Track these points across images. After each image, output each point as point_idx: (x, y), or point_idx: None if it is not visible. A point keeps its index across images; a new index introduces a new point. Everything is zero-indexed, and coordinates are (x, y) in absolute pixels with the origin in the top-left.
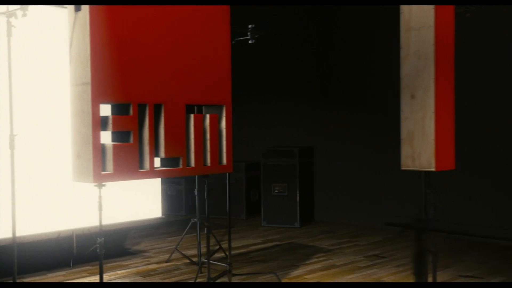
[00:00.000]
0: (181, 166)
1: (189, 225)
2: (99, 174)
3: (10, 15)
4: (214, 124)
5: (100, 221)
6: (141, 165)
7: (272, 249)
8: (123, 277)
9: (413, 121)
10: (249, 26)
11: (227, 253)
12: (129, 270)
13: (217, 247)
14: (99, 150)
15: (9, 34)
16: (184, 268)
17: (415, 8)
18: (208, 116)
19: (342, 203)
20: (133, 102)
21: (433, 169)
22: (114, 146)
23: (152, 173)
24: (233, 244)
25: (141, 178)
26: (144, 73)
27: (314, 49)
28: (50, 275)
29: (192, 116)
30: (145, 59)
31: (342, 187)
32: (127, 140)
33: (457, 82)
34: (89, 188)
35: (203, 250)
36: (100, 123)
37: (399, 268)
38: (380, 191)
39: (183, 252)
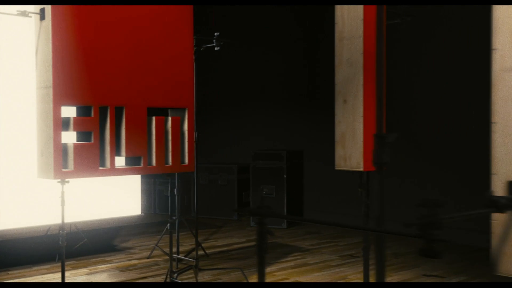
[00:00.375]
0: (142, 165)
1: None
2: (60, 171)
3: None
4: (176, 126)
5: (63, 216)
6: (101, 163)
7: (251, 248)
8: (102, 271)
9: (345, 124)
10: (215, 34)
11: (206, 251)
12: (110, 265)
13: (196, 245)
14: (60, 148)
15: None
16: (163, 264)
17: (347, 19)
18: (170, 118)
19: (330, 205)
20: (94, 105)
21: (361, 169)
22: (75, 145)
23: (113, 171)
24: (217, 243)
25: (101, 176)
26: (106, 77)
27: (303, 52)
28: (35, 268)
29: (153, 118)
30: (107, 63)
31: (330, 189)
32: (89, 140)
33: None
34: (77, 184)
35: (186, 248)
36: (62, 124)
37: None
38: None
39: (165, 250)
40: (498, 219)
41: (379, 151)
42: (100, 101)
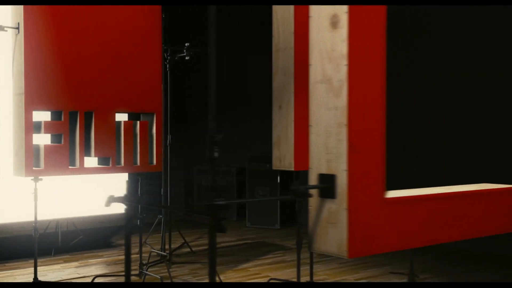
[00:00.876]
0: (110, 165)
1: (156, 221)
2: (31, 169)
3: None
4: (144, 130)
5: (36, 212)
6: (71, 163)
7: (240, 246)
8: (91, 265)
9: (280, 128)
10: (186, 44)
11: (192, 249)
12: (99, 259)
13: (183, 242)
14: (31, 149)
15: None
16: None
17: (282, 31)
18: (138, 122)
19: None
20: (64, 110)
21: (292, 169)
22: (45, 146)
23: (82, 170)
24: (207, 241)
25: (70, 174)
26: (76, 84)
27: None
28: (30, 261)
29: (122, 122)
30: (78, 70)
31: None
32: (59, 141)
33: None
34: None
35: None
36: (33, 127)
37: (340, 265)
38: None
39: (155, 246)
40: (313, 205)
41: (209, 149)
42: (70, 106)
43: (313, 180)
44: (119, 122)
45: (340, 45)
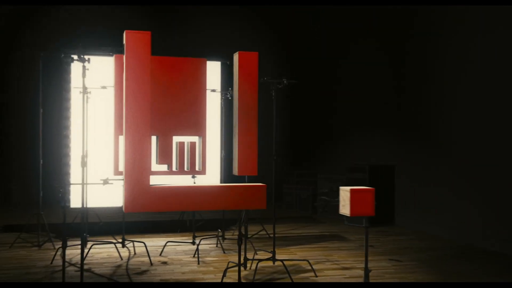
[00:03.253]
0: (168, 170)
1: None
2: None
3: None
4: (193, 147)
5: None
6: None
7: (310, 236)
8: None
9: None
10: (284, 80)
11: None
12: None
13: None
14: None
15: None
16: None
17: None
18: (187, 142)
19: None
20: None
21: (236, 174)
22: None
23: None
24: (294, 232)
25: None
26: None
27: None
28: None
29: (177, 142)
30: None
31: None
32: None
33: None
34: None
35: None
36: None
37: (353, 253)
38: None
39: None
40: None
41: None
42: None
43: None
44: (176, 143)
45: None
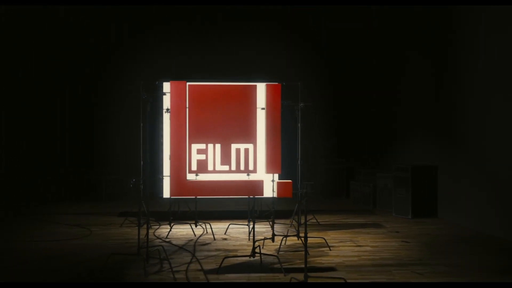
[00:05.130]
0: (228, 169)
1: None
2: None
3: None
4: (247, 152)
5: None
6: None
7: (354, 224)
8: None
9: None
10: (301, 104)
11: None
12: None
13: (311, 218)
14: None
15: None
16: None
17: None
18: (242, 148)
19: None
20: (205, 143)
21: (265, 173)
22: (197, 160)
23: (213, 172)
24: (343, 220)
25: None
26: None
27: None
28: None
29: (234, 148)
30: (210, 121)
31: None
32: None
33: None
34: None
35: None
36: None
37: (377, 240)
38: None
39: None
40: None
41: None
42: (209, 141)
43: None
44: (234, 149)
45: None
